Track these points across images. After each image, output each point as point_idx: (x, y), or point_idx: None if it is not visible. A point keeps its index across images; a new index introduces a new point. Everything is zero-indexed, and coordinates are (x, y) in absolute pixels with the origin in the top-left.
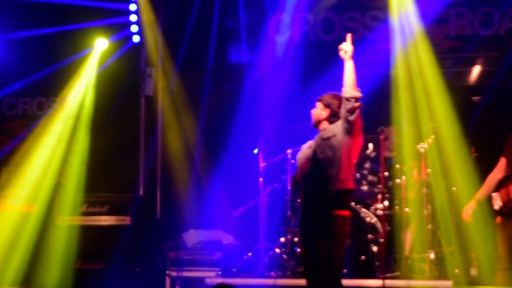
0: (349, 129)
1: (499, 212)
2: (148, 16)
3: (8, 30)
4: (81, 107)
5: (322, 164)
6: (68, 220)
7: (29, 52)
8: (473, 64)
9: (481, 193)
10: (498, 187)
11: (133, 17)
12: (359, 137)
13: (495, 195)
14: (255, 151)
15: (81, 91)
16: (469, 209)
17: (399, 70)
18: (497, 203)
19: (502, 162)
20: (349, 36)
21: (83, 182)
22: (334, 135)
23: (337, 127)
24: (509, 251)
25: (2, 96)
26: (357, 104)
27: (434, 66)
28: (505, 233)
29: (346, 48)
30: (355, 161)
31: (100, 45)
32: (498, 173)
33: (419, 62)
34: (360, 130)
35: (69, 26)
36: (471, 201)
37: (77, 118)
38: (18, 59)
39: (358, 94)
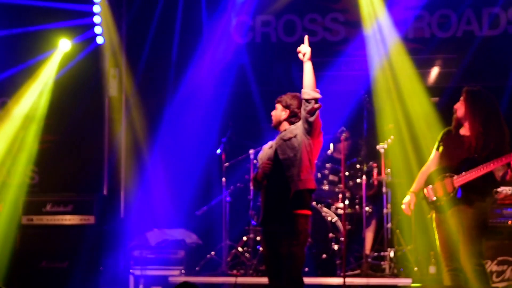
0: (309, 130)
1: (434, 207)
2: (111, 17)
3: None
4: (35, 108)
5: (283, 165)
6: (32, 220)
7: None
8: (431, 65)
9: (416, 187)
10: (432, 181)
11: (96, 19)
12: (319, 138)
13: (429, 189)
14: (218, 151)
15: (38, 91)
16: (412, 204)
17: (378, 75)
18: (431, 197)
19: (436, 155)
20: (306, 38)
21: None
22: (294, 136)
23: (298, 128)
24: (448, 249)
25: None
26: (316, 105)
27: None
28: (441, 230)
29: (305, 50)
30: (315, 161)
31: (64, 46)
32: (431, 166)
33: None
34: (320, 130)
35: (33, 27)
36: (408, 194)
37: (30, 118)
38: None
39: (317, 95)
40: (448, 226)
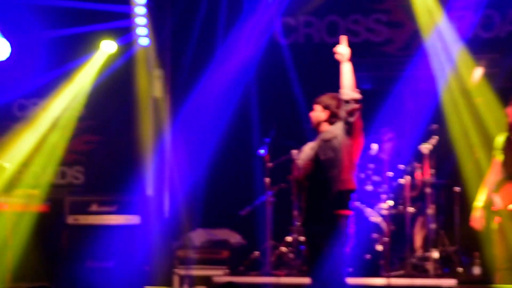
0: (350, 131)
1: (499, 213)
2: (156, 18)
3: (21, 31)
4: (67, 109)
5: (324, 166)
6: (79, 220)
7: (40, 54)
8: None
9: (483, 199)
10: (497, 188)
11: (140, 20)
12: (360, 138)
13: (495, 196)
14: (261, 151)
15: (73, 94)
16: (482, 219)
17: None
18: (497, 205)
19: (497, 163)
20: (344, 39)
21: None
22: (335, 137)
23: (338, 128)
24: (506, 251)
25: (14, 97)
26: (356, 105)
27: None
28: (502, 233)
29: (342, 51)
30: (356, 162)
31: (107, 48)
32: (494, 175)
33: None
34: (360, 131)
35: (77, 29)
36: (477, 209)
37: (60, 120)
38: (29, 61)
39: (357, 95)
40: None
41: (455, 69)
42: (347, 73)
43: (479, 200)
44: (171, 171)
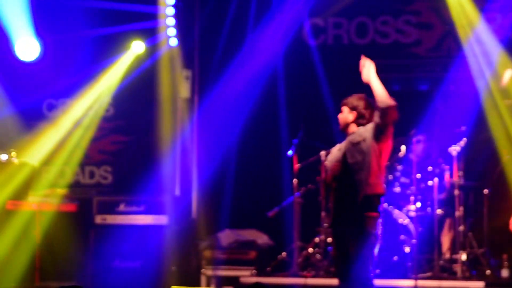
0: (380, 136)
1: None
2: (184, 19)
3: (51, 32)
4: (90, 109)
5: (352, 168)
6: (107, 220)
7: (70, 54)
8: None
9: None
10: None
11: (169, 21)
12: (389, 142)
13: None
14: (289, 152)
15: (98, 93)
16: None
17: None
18: None
19: None
20: (365, 60)
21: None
22: (364, 140)
23: (367, 131)
24: None
25: (44, 97)
26: (394, 113)
27: None
28: None
29: (366, 72)
30: (385, 165)
31: (137, 48)
32: None
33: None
34: (391, 135)
35: (107, 29)
36: None
37: (83, 120)
38: (59, 61)
39: (392, 102)
40: None
41: (495, 72)
42: (376, 88)
43: None
44: (199, 171)
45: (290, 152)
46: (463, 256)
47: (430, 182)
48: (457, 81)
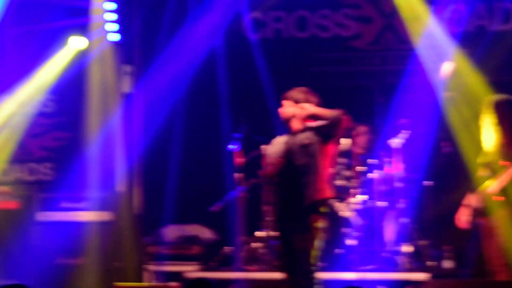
0: (328, 141)
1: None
2: (124, 14)
3: None
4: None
5: (298, 171)
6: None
7: (7, 50)
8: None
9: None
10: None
11: (108, 16)
12: (337, 145)
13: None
14: (231, 146)
15: (31, 90)
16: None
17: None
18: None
19: None
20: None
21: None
22: (311, 143)
23: (315, 135)
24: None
25: None
26: (342, 123)
27: None
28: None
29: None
30: (332, 168)
31: (75, 44)
32: None
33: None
34: (339, 139)
35: (44, 24)
36: (465, 208)
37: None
38: None
39: (337, 113)
40: None
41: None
42: (318, 112)
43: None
44: (142, 167)
45: (232, 147)
46: (406, 248)
47: (371, 175)
48: (399, 74)
